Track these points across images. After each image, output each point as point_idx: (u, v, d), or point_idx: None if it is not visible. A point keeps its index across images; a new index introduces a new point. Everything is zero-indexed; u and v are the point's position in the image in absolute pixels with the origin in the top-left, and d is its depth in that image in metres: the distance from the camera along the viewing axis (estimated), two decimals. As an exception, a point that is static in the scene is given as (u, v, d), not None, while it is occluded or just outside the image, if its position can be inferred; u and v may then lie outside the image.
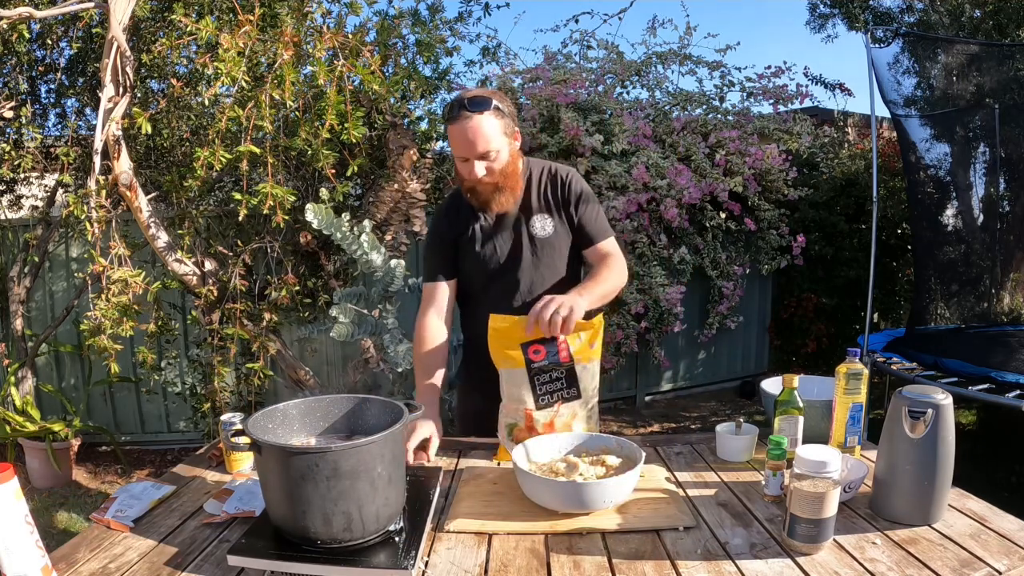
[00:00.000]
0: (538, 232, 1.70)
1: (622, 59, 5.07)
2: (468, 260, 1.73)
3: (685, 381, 5.39)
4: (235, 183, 3.19)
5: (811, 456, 1.08)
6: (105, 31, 2.46)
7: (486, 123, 1.55)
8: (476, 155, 1.56)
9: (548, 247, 1.70)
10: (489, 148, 1.56)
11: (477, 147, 1.55)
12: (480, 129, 1.55)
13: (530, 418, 1.47)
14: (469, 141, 1.55)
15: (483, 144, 1.55)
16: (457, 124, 1.55)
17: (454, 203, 1.77)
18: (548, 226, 1.70)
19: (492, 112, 1.56)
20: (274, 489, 1.05)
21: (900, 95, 4.44)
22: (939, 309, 4.73)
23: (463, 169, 1.61)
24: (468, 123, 1.54)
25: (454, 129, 1.57)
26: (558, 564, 1.05)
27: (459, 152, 1.59)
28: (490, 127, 1.56)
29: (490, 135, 1.56)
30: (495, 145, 1.57)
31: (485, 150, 1.56)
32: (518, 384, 1.47)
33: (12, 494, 0.92)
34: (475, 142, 1.55)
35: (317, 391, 3.16)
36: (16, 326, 3.92)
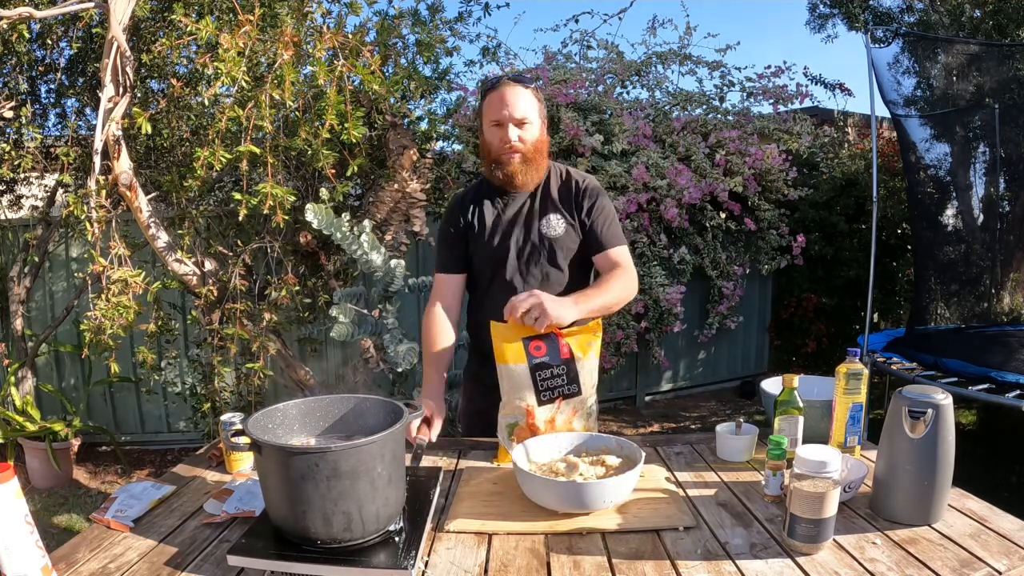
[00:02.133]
0: (548, 230, 1.70)
1: (622, 59, 5.07)
2: (478, 252, 1.74)
3: (685, 381, 5.39)
4: (235, 183, 3.19)
5: (811, 456, 1.08)
6: (105, 31, 2.46)
7: (526, 94, 1.63)
8: (514, 119, 1.61)
9: (557, 246, 1.69)
10: (526, 115, 1.62)
11: (516, 110, 1.60)
12: (520, 94, 1.62)
13: (531, 415, 1.46)
14: (509, 102, 1.60)
15: (521, 108, 1.61)
16: (498, 89, 1.62)
17: (469, 195, 1.78)
18: (559, 225, 1.70)
19: (533, 90, 1.65)
20: (274, 489, 1.05)
21: (900, 95, 4.44)
22: (939, 309, 4.73)
23: (494, 136, 1.65)
24: (510, 88, 1.61)
25: (494, 95, 1.63)
26: (558, 564, 1.05)
27: (495, 115, 1.63)
28: (529, 98, 1.63)
29: (528, 104, 1.63)
30: (531, 116, 1.63)
31: (523, 115, 1.61)
32: (519, 381, 1.47)
33: (12, 494, 0.92)
34: (515, 103, 1.60)
35: (317, 391, 3.16)
36: (16, 326, 3.92)
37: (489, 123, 1.65)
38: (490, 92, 1.64)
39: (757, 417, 4.44)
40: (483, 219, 1.73)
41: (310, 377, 3.19)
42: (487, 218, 1.73)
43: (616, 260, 1.68)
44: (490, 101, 1.64)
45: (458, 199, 1.80)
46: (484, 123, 1.68)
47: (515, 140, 1.62)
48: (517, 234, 1.71)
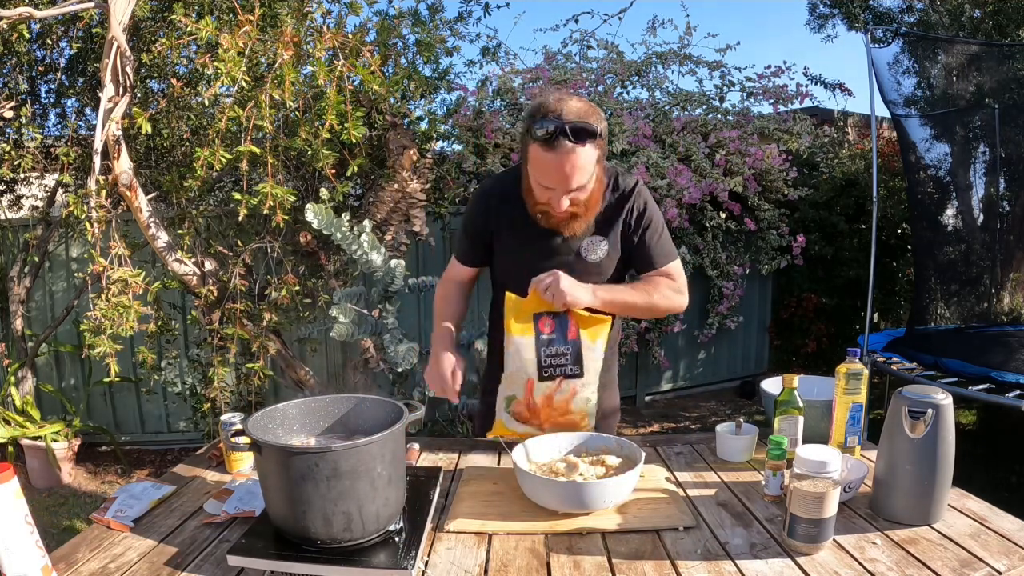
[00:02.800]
0: (588, 255, 1.54)
1: (622, 59, 5.07)
2: (504, 262, 1.61)
3: (685, 381, 5.39)
4: (235, 183, 3.19)
5: (811, 456, 1.08)
6: (105, 31, 2.46)
7: (587, 156, 1.35)
8: (567, 190, 1.39)
9: (595, 271, 1.54)
10: (584, 183, 1.40)
11: (571, 182, 1.37)
12: (579, 163, 1.35)
13: (531, 389, 1.45)
14: (564, 175, 1.36)
15: (579, 180, 1.37)
16: (553, 153, 1.33)
17: (496, 192, 1.59)
18: (600, 250, 1.54)
19: (595, 143, 1.36)
20: (274, 489, 1.05)
21: (900, 95, 4.44)
22: (939, 309, 4.73)
23: (542, 195, 1.43)
24: (568, 156, 1.33)
25: (547, 156, 1.35)
26: (558, 564, 1.05)
27: (546, 181, 1.39)
28: (590, 160, 1.37)
29: (588, 169, 1.38)
30: (589, 179, 1.40)
31: (580, 185, 1.39)
32: (524, 353, 1.46)
33: (12, 494, 0.92)
34: (571, 177, 1.36)
35: (317, 391, 3.16)
36: (16, 326, 3.92)
37: (535, 179, 1.42)
38: (541, 147, 1.34)
39: (757, 417, 4.44)
40: (513, 228, 1.55)
41: (310, 377, 3.19)
42: (518, 228, 1.54)
43: (666, 272, 1.56)
44: (540, 159, 1.37)
45: (484, 194, 1.62)
46: (528, 169, 1.44)
47: (566, 207, 1.42)
48: (551, 252, 1.53)
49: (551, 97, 1.39)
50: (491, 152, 4.23)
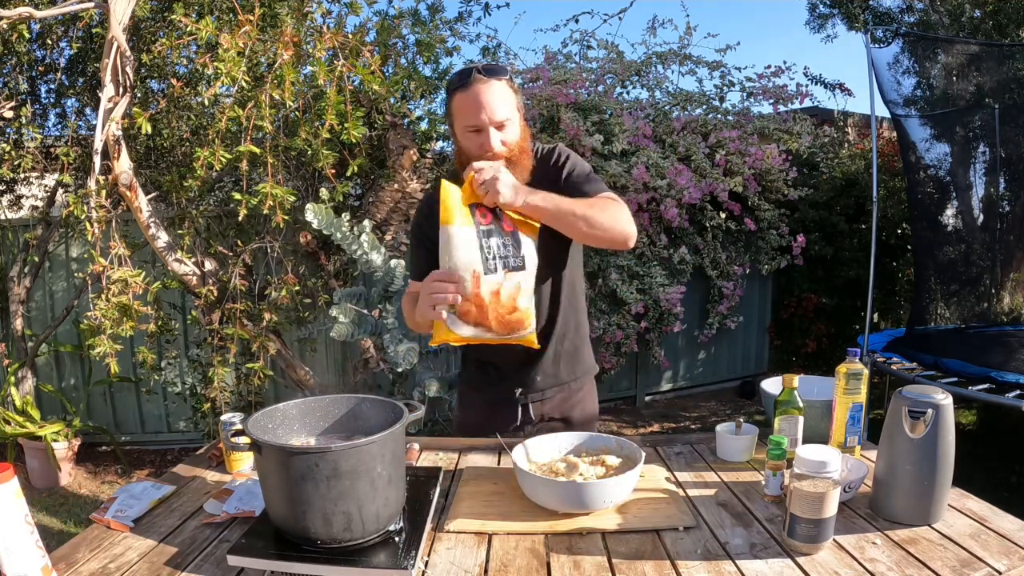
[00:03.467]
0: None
1: (622, 59, 5.07)
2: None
3: (685, 381, 5.39)
4: (235, 183, 3.20)
5: (811, 456, 1.08)
6: (105, 31, 2.46)
7: (502, 89, 1.43)
8: (494, 122, 1.42)
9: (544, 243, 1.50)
10: (507, 116, 1.43)
11: (496, 113, 1.41)
12: (497, 94, 1.42)
13: (478, 283, 1.35)
14: (486, 104, 1.40)
15: (501, 110, 1.42)
16: (470, 89, 1.41)
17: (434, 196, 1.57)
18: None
19: (507, 81, 1.45)
20: (274, 489, 1.05)
21: (900, 95, 4.45)
22: (939, 309, 4.73)
23: (472, 143, 1.45)
24: (484, 86, 1.41)
25: (465, 96, 1.42)
26: (558, 564, 1.05)
27: (471, 120, 1.43)
28: (506, 94, 1.44)
29: (507, 100, 1.44)
30: (511, 114, 1.44)
31: (503, 118, 1.42)
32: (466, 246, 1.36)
33: (12, 494, 0.92)
34: (494, 106, 1.41)
35: (317, 391, 3.16)
36: (16, 326, 3.92)
37: (464, 128, 1.45)
38: (459, 92, 1.43)
39: (757, 417, 4.44)
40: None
41: (310, 377, 3.19)
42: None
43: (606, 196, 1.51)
44: (461, 103, 1.43)
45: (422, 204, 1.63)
46: (456, 127, 1.48)
47: (498, 147, 1.43)
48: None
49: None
50: (491, 152, 4.22)
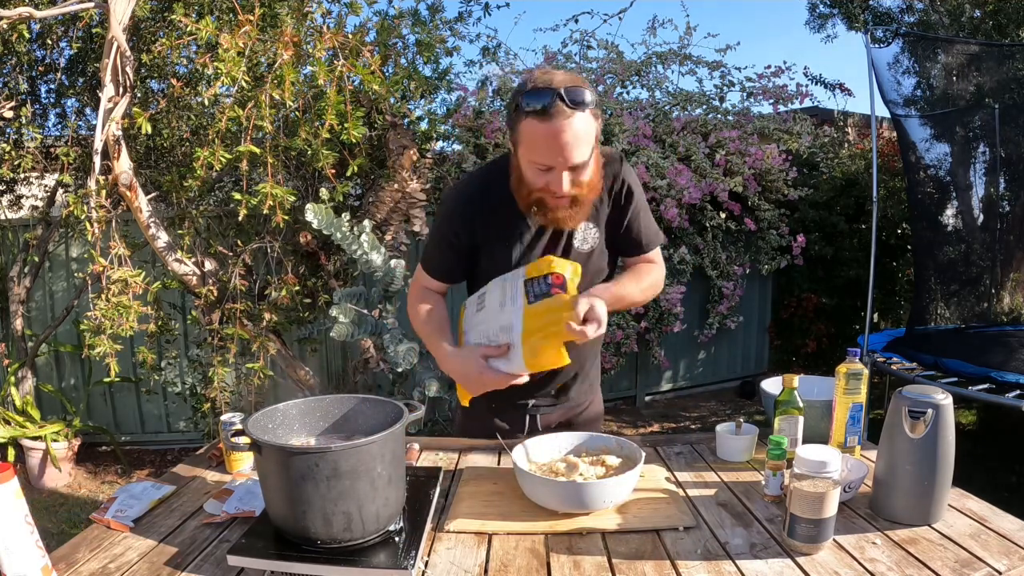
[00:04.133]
0: (578, 244, 1.41)
1: (622, 59, 5.08)
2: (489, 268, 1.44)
3: (685, 381, 5.39)
4: (235, 183, 3.19)
5: (811, 456, 1.08)
6: (105, 31, 2.46)
7: (585, 124, 1.21)
8: (569, 165, 1.23)
9: (584, 261, 1.42)
10: (586, 158, 1.23)
11: (573, 156, 1.21)
12: (579, 132, 1.19)
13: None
14: (563, 146, 1.20)
15: (580, 153, 1.21)
16: (550, 123, 1.18)
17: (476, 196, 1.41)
18: (591, 237, 1.41)
19: (591, 110, 1.22)
20: (274, 489, 1.05)
21: (900, 95, 4.45)
22: (939, 309, 4.73)
23: (537, 178, 1.27)
24: (567, 124, 1.18)
25: (541, 128, 1.20)
26: (558, 564, 1.05)
27: (542, 158, 1.23)
28: (589, 129, 1.22)
29: (588, 140, 1.22)
30: (589, 154, 1.24)
31: (582, 160, 1.23)
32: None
33: (12, 494, 0.92)
34: (573, 148, 1.20)
35: (317, 391, 3.16)
36: (16, 326, 3.92)
37: (530, 161, 1.25)
38: (534, 119, 1.20)
39: (757, 417, 4.44)
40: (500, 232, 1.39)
41: (310, 377, 3.19)
42: (503, 232, 1.39)
43: (650, 259, 1.49)
44: (534, 133, 1.21)
45: (462, 200, 1.44)
46: (521, 152, 1.27)
47: (567, 190, 1.26)
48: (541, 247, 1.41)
49: (536, 73, 1.27)
50: (491, 152, 4.23)
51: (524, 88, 1.24)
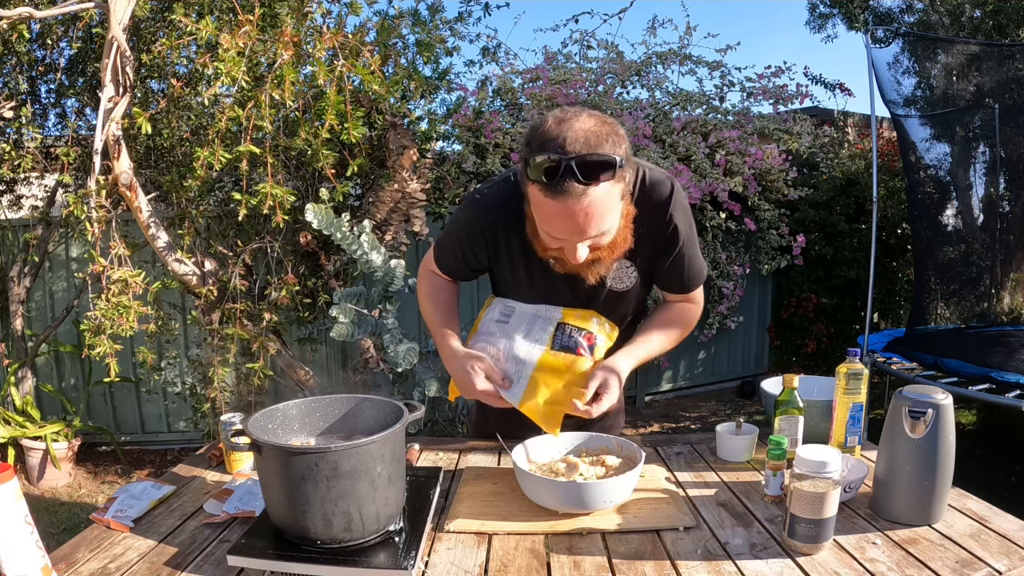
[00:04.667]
0: (615, 284, 1.34)
1: (622, 59, 5.07)
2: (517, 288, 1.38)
3: (685, 381, 5.39)
4: (235, 183, 3.19)
5: (811, 456, 1.08)
6: (105, 31, 2.46)
7: (605, 196, 1.07)
8: (584, 239, 1.13)
9: (621, 302, 1.37)
10: (605, 228, 1.13)
11: (589, 231, 1.10)
12: (596, 209, 1.07)
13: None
14: (577, 226, 1.09)
15: (597, 226, 1.10)
16: (559, 199, 1.05)
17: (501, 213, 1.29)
18: (628, 277, 1.33)
19: (612, 179, 1.06)
20: (274, 489, 1.05)
21: (900, 95, 4.45)
22: (939, 309, 4.73)
23: (552, 243, 1.17)
24: (579, 201, 1.05)
25: (552, 204, 1.07)
26: (558, 564, 1.05)
27: (555, 231, 1.13)
28: (610, 200, 1.09)
29: (609, 212, 1.10)
30: (611, 222, 1.13)
31: (598, 232, 1.12)
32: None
33: (12, 494, 0.92)
34: (586, 226, 1.09)
35: (317, 391, 3.16)
36: (16, 326, 3.92)
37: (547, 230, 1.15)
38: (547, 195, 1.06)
39: (757, 417, 4.44)
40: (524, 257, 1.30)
41: (310, 377, 3.19)
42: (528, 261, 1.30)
43: (690, 299, 1.42)
44: (542, 205, 1.09)
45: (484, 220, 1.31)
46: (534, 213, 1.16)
47: (584, 257, 1.16)
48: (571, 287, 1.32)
49: (550, 118, 1.09)
50: (491, 152, 4.23)
51: (532, 143, 1.09)
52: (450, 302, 1.47)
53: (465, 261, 1.40)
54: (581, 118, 1.08)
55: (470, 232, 1.35)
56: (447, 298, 1.48)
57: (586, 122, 1.07)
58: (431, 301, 1.47)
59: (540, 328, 1.35)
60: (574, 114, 1.09)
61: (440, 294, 1.47)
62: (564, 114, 1.09)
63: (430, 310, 1.46)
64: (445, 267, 1.46)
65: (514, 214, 1.27)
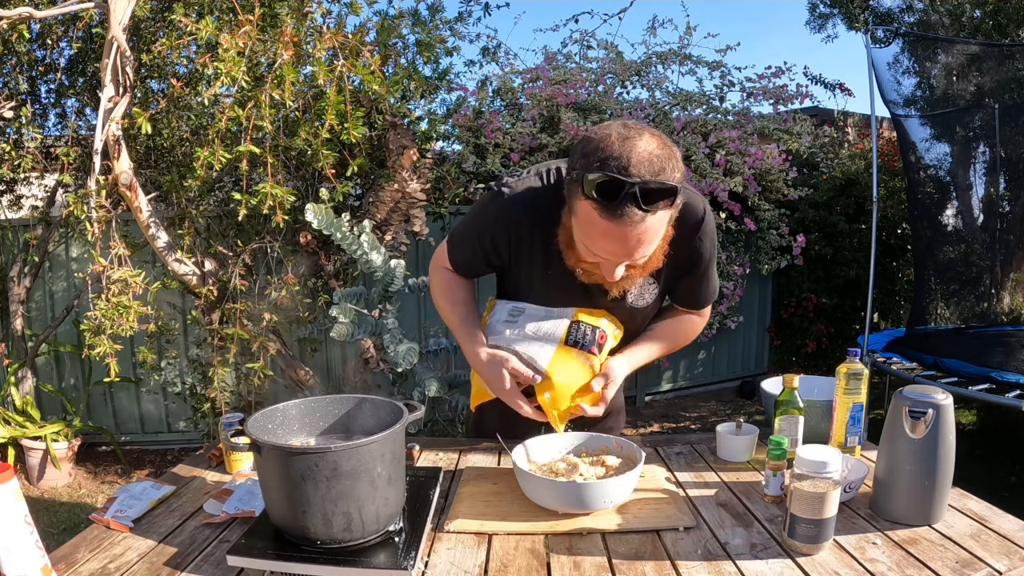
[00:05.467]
0: (635, 301, 1.34)
1: (622, 59, 5.08)
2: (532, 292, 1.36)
3: (685, 381, 5.40)
4: (235, 183, 3.19)
5: (811, 456, 1.08)
6: (105, 31, 2.46)
7: (657, 224, 1.07)
8: (628, 260, 1.13)
9: (639, 317, 1.37)
10: (649, 253, 1.13)
11: (636, 255, 1.11)
12: (648, 236, 1.07)
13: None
14: (627, 249, 1.09)
15: (644, 251, 1.11)
16: (617, 224, 1.03)
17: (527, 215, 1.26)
18: (649, 295, 1.34)
19: (668, 208, 1.07)
20: (274, 489, 1.05)
21: (900, 95, 4.45)
22: (939, 309, 4.73)
23: (588, 257, 1.16)
24: (635, 227, 1.04)
25: (604, 225, 1.05)
26: (558, 564, 1.05)
27: (601, 250, 1.11)
28: (660, 227, 1.10)
29: (656, 237, 1.11)
30: (656, 246, 1.14)
31: (645, 255, 1.13)
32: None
33: (12, 494, 0.92)
34: (635, 250, 1.09)
35: (317, 391, 3.16)
36: (16, 326, 3.92)
37: (586, 243, 1.13)
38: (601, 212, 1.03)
39: (757, 417, 4.44)
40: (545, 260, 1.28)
41: (310, 377, 3.19)
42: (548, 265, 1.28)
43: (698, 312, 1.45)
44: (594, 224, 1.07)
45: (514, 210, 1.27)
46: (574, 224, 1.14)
47: (619, 275, 1.16)
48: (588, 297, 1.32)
49: (613, 133, 1.05)
50: (491, 152, 4.23)
51: (591, 156, 1.05)
52: (468, 299, 1.43)
53: (485, 256, 1.36)
54: (644, 138, 1.05)
55: (494, 226, 1.31)
56: (464, 295, 1.44)
57: (649, 143, 1.05)
58: (447, 299, 1.43)
59: (552, 326, 1.35)
60: (637, 132, 1.06)
61: (456, 291, 1.43)
62: (627, 131, 1.06)
63: (447, 308, 1.42)
64: (460, 262, 1.42)
65: (541, 214, 1.24)
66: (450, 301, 1.42)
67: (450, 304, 1.42)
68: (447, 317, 1.43)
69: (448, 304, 1.43)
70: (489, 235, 1.33)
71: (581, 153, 1.08)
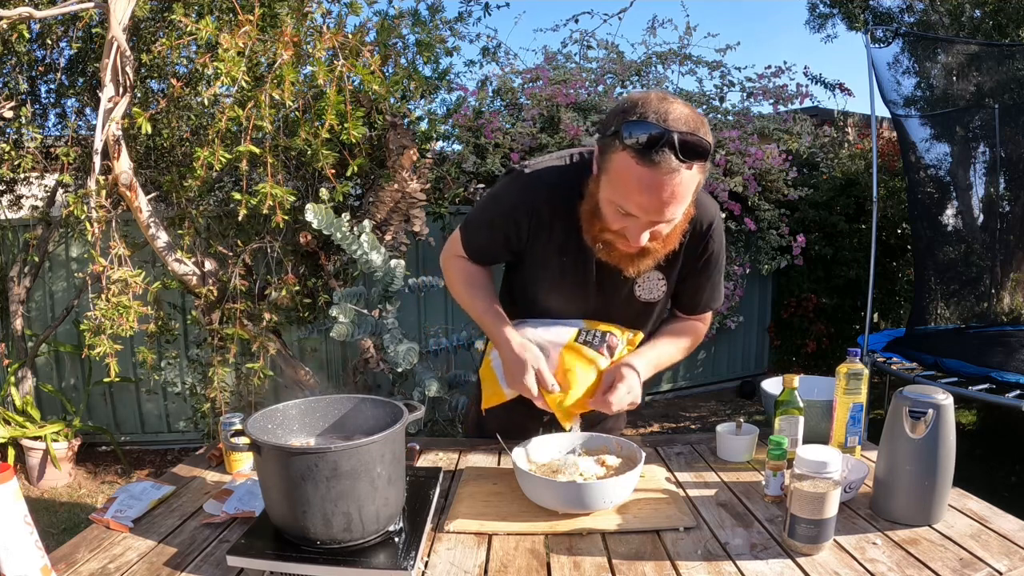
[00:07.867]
0: (643, 295, 1.35)
1: (622, 59, 5.08)
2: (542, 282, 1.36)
3: (685, 381, 5.39)
4: (235, 183, 3.19)
5: (811, 456, 1.08)
6: (105, 31, 2.46)
7: (691, 181, 1.08)
8: (656, 221, 1.12)
9: (648, 313, 1.39)
10: (678, 217, 1.13)
11: (665, 214, 1.09)
12: (682, 189, 1.06)
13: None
14: (660, 202, 1.07)
15: (674, 210, 1.10)
16: (652, 169, 1.04)
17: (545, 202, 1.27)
18: (658, 290, 1.35)
19: (703, 166, 1.09)
20: (274, 489, 1.05)
21: (900, 95, 4.45)
22: (939, 309, 4.73)
23: (614, 221, 1.14)
24: (671, 177, 1.04)
25: (642, 172, 1.05)
26: (558, 564, 1.05)
27: (629, 205, 1.10)
28: (691, 188, 1.09)
29: (686, 199, 1.10)
30: (683, 211, 1.14)
31: (673, 217, 1.12)
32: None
33: (12, 494, 0.92)
34: (667, 206, 1.08)
35: (317, 391, 3.16)
36: (16, 326, 3.92)
37: (612, 200, 1.12)
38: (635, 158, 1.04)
39: (757, 417, 4.44)
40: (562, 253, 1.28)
41: (310, 377, 3.19)
42: (564, 252, 1.28)
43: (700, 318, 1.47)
44: (629, 175, 1.06)
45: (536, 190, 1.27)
46: (604, 184, 1.13)
47: (645, 241, 1.15)
48: (600, 289, 1.33)
49: (652, 95, 1.09)
50: (491, 152, 4.23)
51: (630, 112, 1.07)
52: (488, 284, 1.40)
53: (505, 237, 1.32)
54: (679, 103, 1.10)
55: (517, 202, 1.29)
56: (484, 280, 1.41)
57: (684, 108, 1.09)
58: (467, 286, 1.40)
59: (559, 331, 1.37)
60: (673, 98, 1.11)
61: (475, 277, 1.41)
62: (665, 95, 1.11)
63: (468, 295, 1.39)
64: (475, 248, 1.40)
65: (561, 193, 1.24)
66: (469, 287, 1.40)
67: (471, 291, 1.40)
68: (468, 304, 1.40)
69: (469, 291, 1.40)
70: (511, 213, 1.31)
71: (620, 111, 1.11)
